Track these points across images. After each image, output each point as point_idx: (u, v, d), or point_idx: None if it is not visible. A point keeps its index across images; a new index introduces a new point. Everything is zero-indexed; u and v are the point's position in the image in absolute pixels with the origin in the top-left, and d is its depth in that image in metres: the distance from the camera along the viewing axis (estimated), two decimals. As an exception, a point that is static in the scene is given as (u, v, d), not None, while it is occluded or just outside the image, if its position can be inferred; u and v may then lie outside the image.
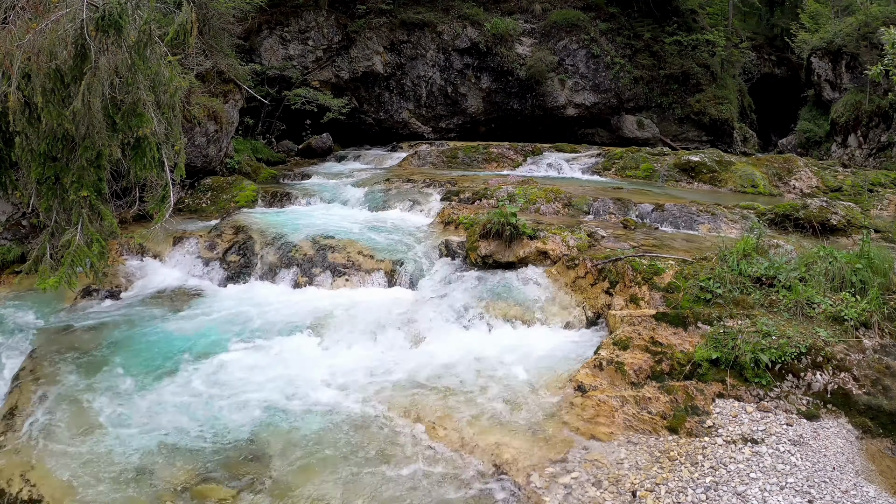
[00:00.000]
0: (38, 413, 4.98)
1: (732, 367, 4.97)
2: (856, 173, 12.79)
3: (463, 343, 6.31)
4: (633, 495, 3.92)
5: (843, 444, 4.34)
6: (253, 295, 7.72)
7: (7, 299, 7.48)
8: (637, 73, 20.19)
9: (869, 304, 5.38)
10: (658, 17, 20.96)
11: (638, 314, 5.88)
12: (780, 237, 7.57)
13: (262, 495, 4.07)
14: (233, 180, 11.73)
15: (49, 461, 4.40)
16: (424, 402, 5.16)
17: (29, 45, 5.65)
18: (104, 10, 5.67)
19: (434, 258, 8.21)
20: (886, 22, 15.56)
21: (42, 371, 5.66)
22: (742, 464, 4.15)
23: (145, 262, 8.64)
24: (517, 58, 19.60)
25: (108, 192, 6.67)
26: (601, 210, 9.66)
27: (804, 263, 6.06)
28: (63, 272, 6.07)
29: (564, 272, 7.19)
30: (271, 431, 4.78)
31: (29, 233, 8.52)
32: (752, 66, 24.10)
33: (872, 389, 4.69)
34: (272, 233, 8.79)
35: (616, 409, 4.75)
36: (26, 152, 6.06)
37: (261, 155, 15.13)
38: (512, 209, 7.87)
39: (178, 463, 4.40)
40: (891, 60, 11.04)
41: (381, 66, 19.24)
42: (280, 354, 6.08)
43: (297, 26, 18.52)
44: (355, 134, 19.74)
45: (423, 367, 5.80)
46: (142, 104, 6.11)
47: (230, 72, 12.67)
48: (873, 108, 17.56)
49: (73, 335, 6.50)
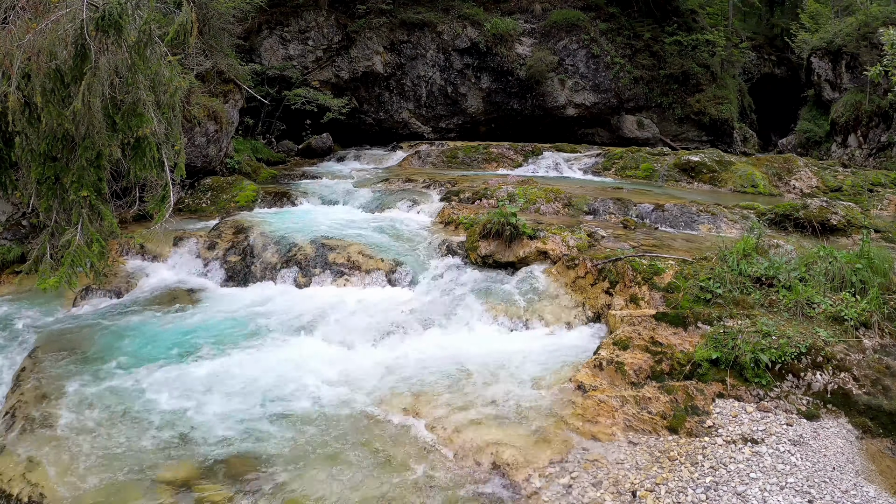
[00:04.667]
0: (38, 413, 4.98)
1: (732, 367, 4.97)
2: (856, 173, 12.80)
3: (462, 343, 6.32)
4: (633, 495, 3.92)
5: (843, 444, 4.34)
6: (253, 295, 7.73)
7: (7, 299, 7.48)
8: (637, 73, 20.19)
9: (869, 304, 5.39)
10: (658, 17, 20.95)
11: (638, 314, 5.88)
12: (780, 237, 7.57)
13: (262, 495, 4.07)
14: (233, 180, 11.73)
15: (49, 461, 4.40)
16: (424, 400, 5.17)
17: (29, 45, 5.65)
18: (104, 10, 5.66)
19: (434, 258, 8.22)
20: (886, 22, 15.58)
21: (42, 371, 5.66)
22: (742, 464, 4.15)
23: (145, 262, 8.64)
24: (517, 58, 19.60)
25: (108, 192, 6.66)
26: (601, 210, 9.66)
27: (804, 263, 6.06)
28: (63, 272, 6.06)
29: (564, 272, 7.19)
30: (271, 430, 4.78)
31: (29, 233, 8.52)
32: (752, 66, 24.10)
33: (872, 389, 4.69)
34: (272, 233, 8.79)
35: (616, 409, 4.75)
36: (26, 152, 6.05)
37: (261, 155, 15.13)
38: (512, 209, 7.88)
39: (178, 462, 4.40)
40: (891, 60, 11.05)
41: (381, 66, 19.24)
42: (280, 354, 6.09)
43: (297, 26, 18.53)
44: (355, 134, 19.74)
45: (422, 367, 5.81)
46: (142, 104, 6.11)
47: (230, 72, 12.68)
48: (873, 108, 17.57)
49: (73, 335, 6.50)
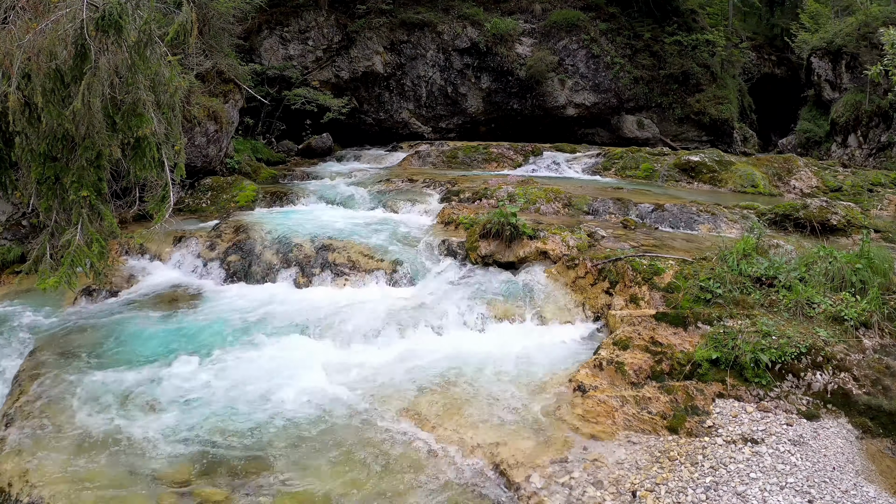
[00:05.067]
0: (38, 413, 4.98)
1: (732, 367, 4.97)
2: (856, 173, 12.79)
3: (462, 343, 6.32)
4: (633, 495, 3.92)
5: (843, 444, 4.34)
6: (253, 295, 7.72)
7: (7, 299, 7.48)
8: (637, 73, 20.18)
9: (869, 304, 5.39)
10: (658, 17, 20.95)
11: (638, 314, 5.88)
12: (780, 237, 7.57)
13: (262, 494, 4.07)
14: (233, 180, 11.72)
15: (50, 461, 4.40)
16: (424, 401, 5.17)
17: (29, 45, 5.65)
18: (104, 10, 5.66)
19: (434, 258, 8.22)
20: (886, 22, 15.58)
21: (42, 371, 5.65)
22: (742, 464, 4.15)
23: (145, 262, 8.64)
24: (517, 58, 19.60)
25: (108, 192, 6.66)
26: (601, 210, 9.66)
27: (804, 263, 6.06)
28: (63, 272, 6.06)
29: (564, 272, 7.19)
30: (271, 430, 4.78)
31: (29, 233, 8.51)
32: (752, 66, 24.09)
33: (872, 389, 4.69)
34: (272, 233, 8.79)
35: (616, 409, 4.75)
36: (26, 152, 6.05)
37: (261, 155, 15.11)
38: (512, 209, 7.88)
39: (177, 461, 4.40)
40: (891, 60, 11.05)
41: (381, 66, 19.23)
42: (280, 354, 6.08)
43: (297, 26, 18.52)
44: (355, 134, 19.73)
45: (422, 367, 5.81)
46: (142, 104, 6.10)
47: (230, 72, 12.67)
48: (873, 108, 17.57)
49: (74, 335, 6.50)
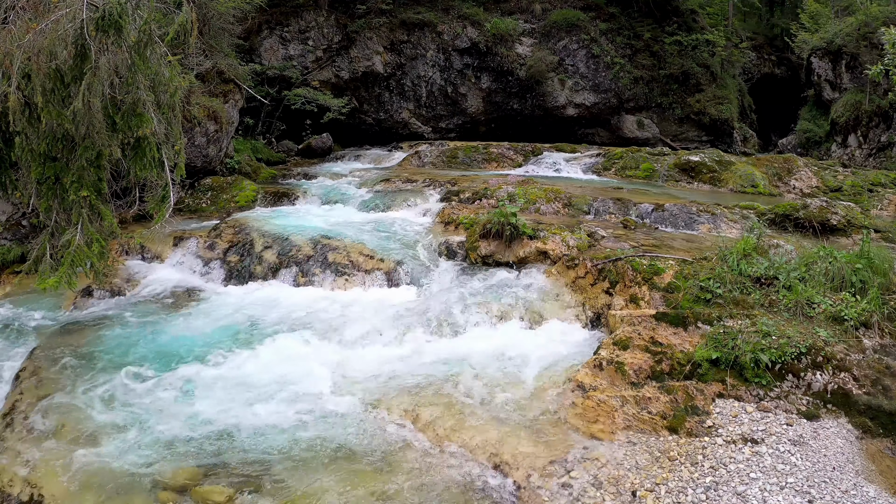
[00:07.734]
0: (38, 413, 4.98)
1: (732, 367, 4.96)
2: (856, 173, 12.79)
3: (462, 343, 6.32)
4: (633, 495, 3.92)
5: (843, 444, 4.34)
6: (253, 295, 7.72)
7: (7, 299, 7.49)
8: (637, 73, 20.18)
9: (869, 304, 5.38)
10: (658, 17, 20.95)
11: (638, 314, 5.88)
12: (780, 237, 7.57)
13: (262, 494, 4.07)
14: (233, 180, 11.73)
15: (49, 461, 4.40)
16: (424, 401, 5.17)
17: (29, 45, 5.65)
18: (104, 10, 5.66)
19: (434, 258, 8.22)
20: (886, 22, 15.55)
21: (42, 371, 5.66)
22: (742, 464, 4.15)
23: (145, 262, 8.65)
24: (517, 58, 19.60)
25: (108, 192, 6.66)
26: (601, 210, 9.66)
27: (804, 263, 6.05)
28: (63, 272, 6.06)
29: (564, 272, 7.19)
30: (271, 430, 4.78)
31: (29, 233, 8.52)
32: (752, 66, 24.09)
33: (872, 389, 4.69)
34: (272, 233, 8.79)
35: (616, 409, 4.75)
36: (26, 152, 6.05)
37: (261, 155, 15.12)
38: (512, 209, 7.88)
39: (177, 462, 4.40)
40: (891, 60, 11.04)
41: (381, 66, 19.23)
42: (280, 354, 6.08)
43: (297, 26, 18.52)
44: (355, 134, 19.73)
45: (423, 367, 5.81)
46: (142, 104, 6.10)
47: (230, 72, 12.67)
48: (873, 108, 17.56)
49: (74, 335, 6.50)
